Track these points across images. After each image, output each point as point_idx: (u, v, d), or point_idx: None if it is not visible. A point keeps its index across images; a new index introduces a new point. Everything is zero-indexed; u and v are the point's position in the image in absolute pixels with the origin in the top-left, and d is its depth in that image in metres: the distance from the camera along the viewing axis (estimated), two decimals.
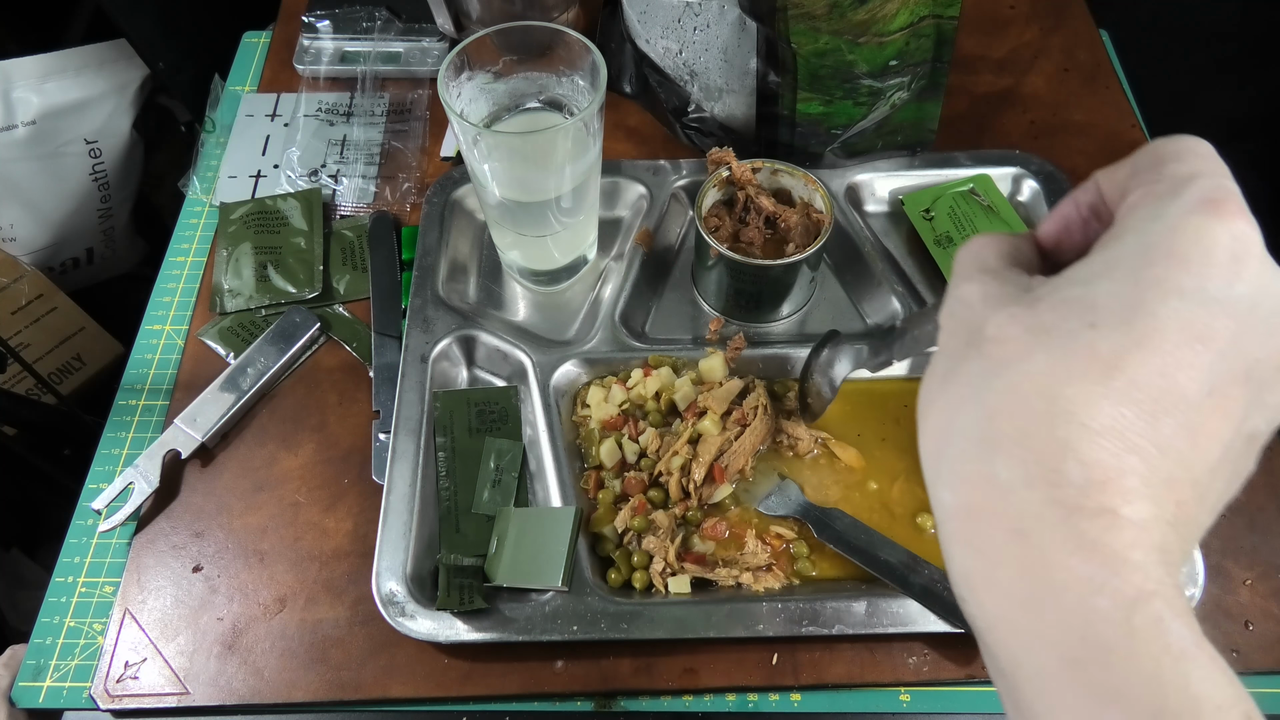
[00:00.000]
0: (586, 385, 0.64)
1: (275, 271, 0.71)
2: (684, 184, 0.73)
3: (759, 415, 0.60)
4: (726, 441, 0.59)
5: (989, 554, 0.25)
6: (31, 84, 0.99)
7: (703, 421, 0.59)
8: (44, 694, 0.55)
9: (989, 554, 0.25)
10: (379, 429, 0.63)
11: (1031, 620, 0.24)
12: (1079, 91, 0.83)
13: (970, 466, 0.25)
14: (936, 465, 0.27)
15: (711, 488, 0.58)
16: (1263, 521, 0.60)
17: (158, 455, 0.61)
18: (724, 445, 0.59)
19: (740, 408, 0.60)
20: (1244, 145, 1.18)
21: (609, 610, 0.54)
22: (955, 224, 0.71)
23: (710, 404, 0.60)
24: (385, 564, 0.55)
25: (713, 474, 0.58)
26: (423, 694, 0.54)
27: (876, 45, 0.62)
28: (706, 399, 0.60)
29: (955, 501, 0.26)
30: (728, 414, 0.60)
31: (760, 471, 0.60)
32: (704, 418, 0.59)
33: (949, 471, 0.26)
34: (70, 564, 0.60)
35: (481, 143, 0.57)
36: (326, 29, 0.85)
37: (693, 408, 0.60)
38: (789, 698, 0.55)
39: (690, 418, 0.60)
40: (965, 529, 0.26)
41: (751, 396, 0.61)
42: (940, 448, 0.27)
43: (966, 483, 0.26)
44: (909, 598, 0.53)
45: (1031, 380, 0.24)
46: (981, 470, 0.25)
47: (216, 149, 0.81)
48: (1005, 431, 0.24)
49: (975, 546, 0.25)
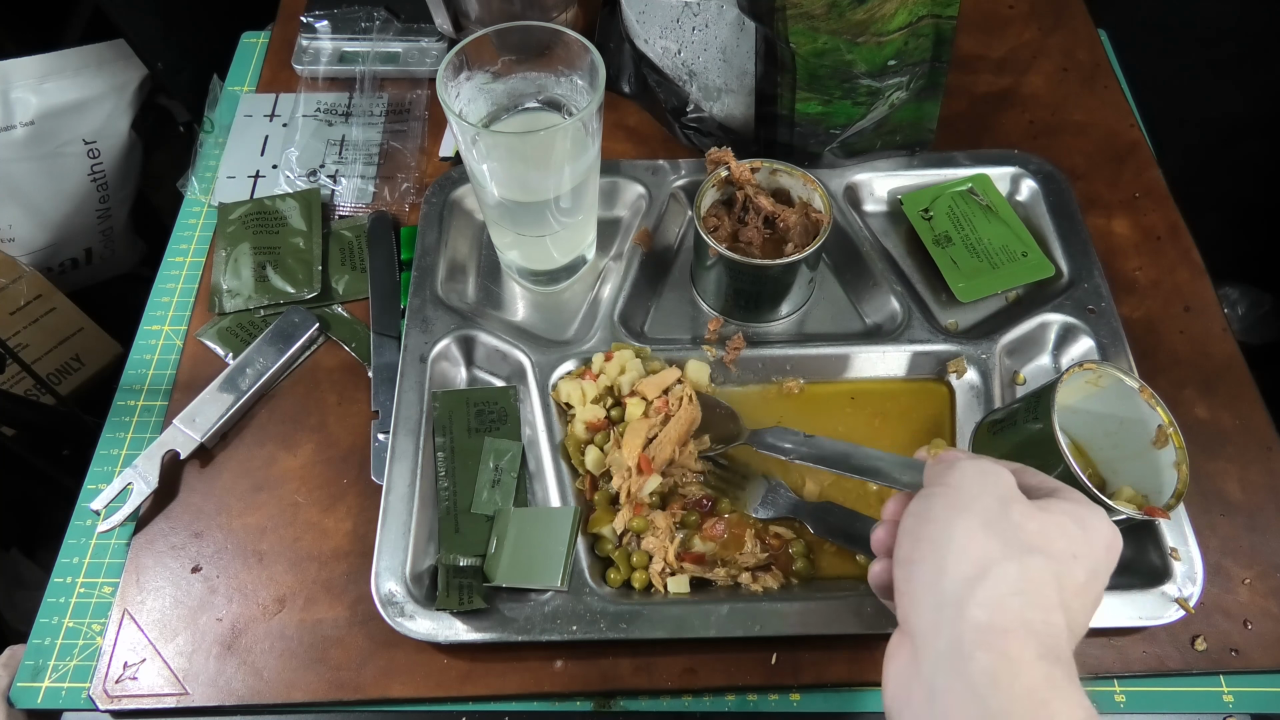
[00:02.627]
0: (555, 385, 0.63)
1: (274, 272, 0.71)
2: (683, 184, 0.73)
3: (683, 404, 0.59)
4: (651, 428, 0.58)
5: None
6: (30, 84, 0.99)
7: (630, 406, 0.59)
8: (43, 694, 0.55)
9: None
10: (378, 429, 0.63)
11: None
12: (1078, 91, 0.83)
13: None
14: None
15: (641, 479, 0.57)
16: (1262, 521, 0.60)
17: (157, 455, 0.61)
18: (649, 433, 0.58)
19: (665, 397, 0.59)
20: (1243, 145, 1.19)
21: (608, 610, 0.54)
22: (954, 224, 0.71)
23: (642, 389, 0.59)
24: (384, 564, 0.55)
25: (641, 465, 0.57)
26: (422, 694, 0.54)
27: (875, 45, 0.62)
28: (639, 384, 0.60)
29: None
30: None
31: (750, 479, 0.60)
32: (629, 403, 0.59)
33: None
34: (69, 564, 0.60)
35: (480, 143, 0.57)
36: (325, 29, 0.85)
37: (633, 394, 0.60)
38: (789, 697, 0.55)
39: (626, 401, 0.60)
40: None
41: (678, 388, 0.60)
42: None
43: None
44: None
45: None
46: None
47: (215, 149, 0.81)
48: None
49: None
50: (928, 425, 0.63)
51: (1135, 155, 0.78)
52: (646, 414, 0.59)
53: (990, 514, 0.37)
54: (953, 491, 0.38)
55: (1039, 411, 0.52)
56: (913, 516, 0.39)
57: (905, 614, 0.38)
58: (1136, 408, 0.54)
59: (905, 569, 0.38)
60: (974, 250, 0.69)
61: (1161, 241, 0.73)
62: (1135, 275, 0.71)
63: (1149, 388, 0.54)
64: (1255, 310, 1.31)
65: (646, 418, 0.58)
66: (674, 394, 0.60)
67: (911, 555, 0.38)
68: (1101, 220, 0.74)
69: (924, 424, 0.63)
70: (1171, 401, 0.55)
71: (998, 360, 0.63)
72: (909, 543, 0.39)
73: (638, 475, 0.57)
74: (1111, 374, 0.55)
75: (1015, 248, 0.69)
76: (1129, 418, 0.55)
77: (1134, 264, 0.71)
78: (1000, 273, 0.68)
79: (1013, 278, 0.68)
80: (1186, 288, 0.70)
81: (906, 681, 0.36)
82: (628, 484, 0.57)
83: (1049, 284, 0.68)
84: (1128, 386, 0.54)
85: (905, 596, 0.38)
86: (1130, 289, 0.70)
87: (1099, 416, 0.57)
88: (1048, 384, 0.53)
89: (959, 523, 0.37)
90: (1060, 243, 0.69)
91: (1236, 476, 0.61)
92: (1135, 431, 0.55)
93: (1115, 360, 0.62)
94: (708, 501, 0.59)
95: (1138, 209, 0.75)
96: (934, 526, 0.38)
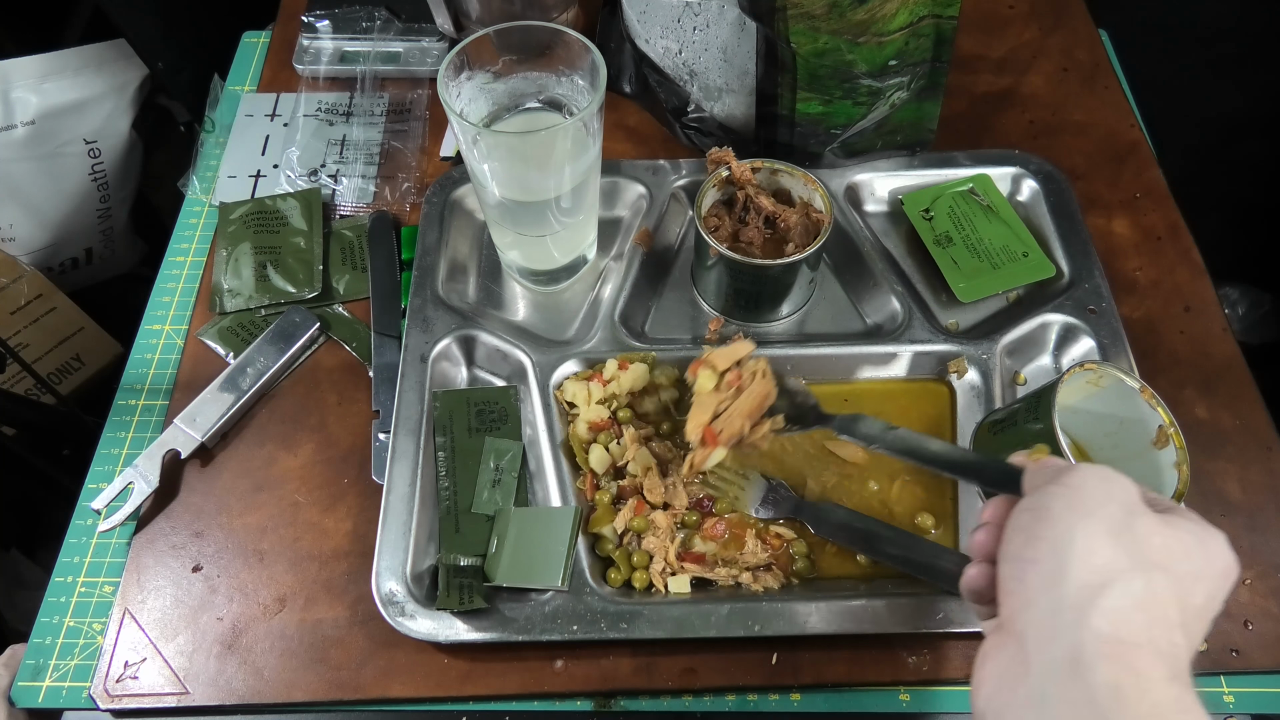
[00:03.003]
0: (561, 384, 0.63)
1: (275, 271, 0.71)
2: (683, 184, 0.73)
3: (756, 379, 0.55)
4: (721, 402, 0.55)
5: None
6: (30, 84, 0.99)
7: (699, 379, 0.56)
8: (43, 694, 0.55)
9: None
10: (379, 429, 0.63)
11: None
12: (1078, 91, 0.83)
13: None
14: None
15: (706, 451, 0.54)
16: (1262, 521, 0.60)
17: (157, 455, 0.61)
18: (719, 407, 0.55)
19: (737, 370, 0.56)
20: (1244, 145, 1.19)
21: (609, 610, 0.54)
22: (955, 224, 0.71)
23: (713, 360, 0.56)
24: (385, 564, 0.55)
25: (705, 437, 0.54)
26: (423, 694, 0.54)
27: (876, 45, 0.62)
28: (710, 355, 0.56)
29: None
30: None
31: (751, 479, 0.60)
32: (700, 374, 0.56)
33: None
34: (70, 564, 0.60)
35: (481, 142, 0.57)
36: (326, 29, 0.85)
37: (694, 367, 0.57)
38: (789, 697, 0.55)
39: (692, 375, 0.57)
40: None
41: (751, 361, 0.57)
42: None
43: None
44: (913, 576, 0.54)
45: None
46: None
47: (216, 149, 0.81)
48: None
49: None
50: (928, 425, 0.63)
51: (1135, 155, 0.78)
52: (717, 387, 0.55)
53: (1115, 522, 0.35)
54: (1075, 493, 0.36)
55: (1039, 412, 0.52)
56: (1028, 513, 0.37)
57: (1012, 614, 0.36)
58: (1137, 408, 0.54)
59: (1016, 566, 0.37)
60: (975, 250, 0.69)
61: (1162, 241, 0.73)
62: (1135, 275, 0.71)
63: (1149, 388, 0.54)
64: (1255, 310, 1.31)
65: (717, 391, 0.55)
66: (747, 367, 0.56)
67: (1024, 553, 0.36)
68: (1102, 220, 0.74)
69: (924, 424, 0.63)
70: (1172, 402, 0.55)
71: (998, 360, 0.63)
72: (1022, 540, 0.37)
73: (701, 448, 0.54)
74: (1112, 374, 0.55)
75: (1016, 248, 0.69)
76: (1129, 418, 0.55)
77: (1134, 264, 0.71)
78: (1001, 273, 0.68)
79: (1013, 278, 0.68)
80: (1187, 288, 0.70)
81: (1010, 684, 0.35)
82: (691, 457, 0.54)
83: (1049, 284, 0.68)
84: (1128, 387, 0.54)
85: (1014, 596, 0.36)
86: (1130, 289, 0.70)
87: (1099, 417, 0.57)
88: (1048, 384, 0.53)
89: (1082, 526, 0.35)
90: (1061, 243, 0.69)
91: (1236, 476, 0.61)
92: (1136, 431, 0.55)
93: (1116, 360, 0.62)
94: (708, 501, 0.59)
95: (1138, 209, 0.75)
96: (1054, 526, 0.36)
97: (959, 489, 0.60)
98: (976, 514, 0.58)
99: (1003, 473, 0.42)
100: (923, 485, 0.60)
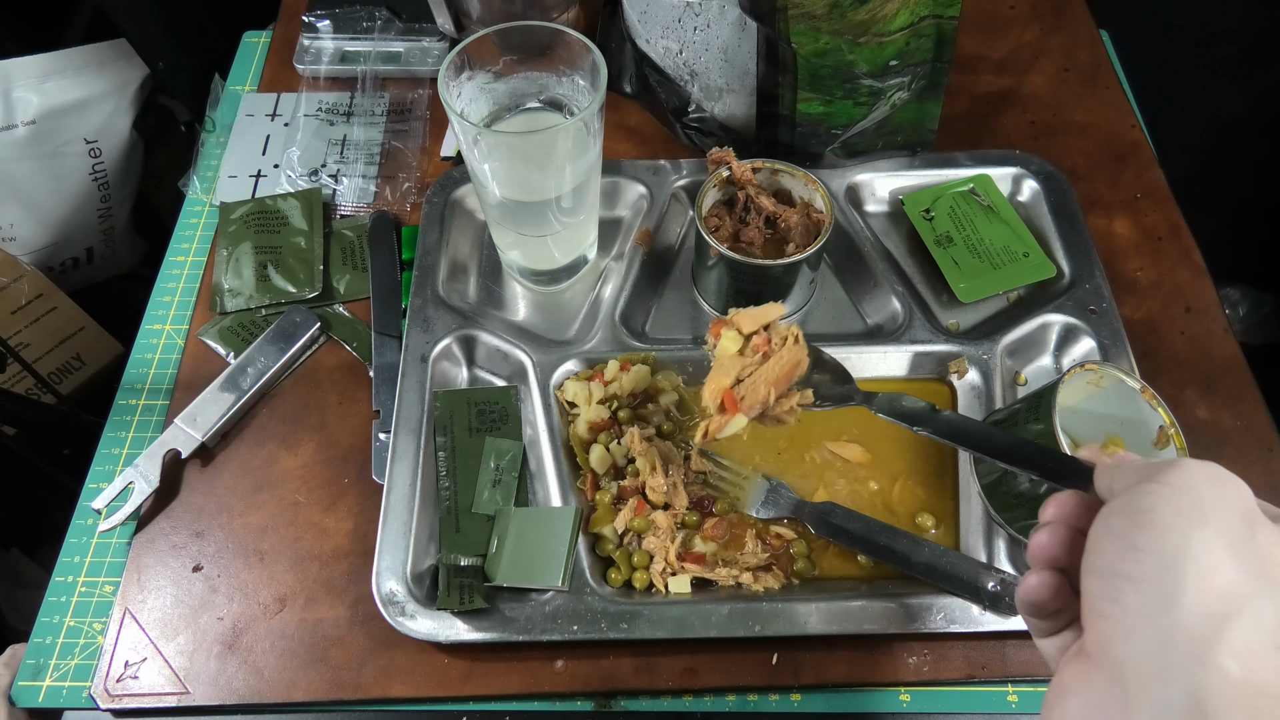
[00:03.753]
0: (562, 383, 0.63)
1: (275, 271, 0.71)
2: (684, 184, 0.73)
3: (787, 344, 0.51)
4: (745, 368, 0.50)
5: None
6: (31, 84, 0.99)
7: (723, 340, 0.51)
8: (44, 693, 0.55)
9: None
10: (379, 429, 0.63)
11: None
12: (1079, 91, 0.83)
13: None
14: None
15: (723, 418, 0.50)
16: None
17: (158, 455, 0.61)
18: (742, 373, 0.50)
19: (765, 334, 0.52)
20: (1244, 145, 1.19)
21: (609, 610, 0.54)
22: (955, 224, 0.71)
23: (738, 321, 0.52)
24: (385, 564, 0.55)
25: (724, 403, 0.50)
26: (423, 694, 0.54)
27: (877, 45, 0.62)
28: (736, 316, 0.52)
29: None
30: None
31: (751, 479, 0.60)
32: (723, 336, 0.51)
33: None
34: (70, 563, 0.60)
35: (482, 142, 0.57)
36: (326, 29, 0.85)
37: (715, 327, 0.53)
38: (789, 698, 0.55)
39: (713, 339, 0.52)
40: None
41: (781, 325, 0.52)
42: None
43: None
44: (914, 576, 0.54)
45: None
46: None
47: (216, 149, 0.81)
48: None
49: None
50: None
51: (1136, 155, 0.78)
52: (742, 351, 0.51)
53: (1235, 532, 0.29)
54: (1185, 496, 0.30)
55: (1040, 412, 0.52)
56: (1122, 516, 0.31)
57: (1104, 642, 0.30)
58: (1138, 408, 0.54)
59: (1110, 583, 0.30)
60: (975, 251, 0.69)
61: (1162, 242, 0.73)
62: (1136, 276, 0.71)
63: (1150, 388, 0.54)
64: (1256, 311, 1.31)
65: (741, 355, 0.51)
66: (777, 331, 0.51)
67: (1121, 566, 0.30)
68: (1102, 221, 0.74)
69: None
70: (1172, 402, 0.55)
71: (999, 360, 0.63)
72: (1117, 550, 0.30)
73: (719, 415, 0.50)
74: (1113, 374, 0.55)
75: (1016, 248, 0.69)
76: (1130, 418, 0.55)
77: (1135, 264, 0.71)
78: (1001, 273, 0.68)
79: (1014, 278, 0.68)
80: (1187, 288, 0.70)
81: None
82: (706, 424, 0.50)
83: (1050, 284, 0.68)
84: (1129, 387, 0.54)
85: (1108, 620, 0.30)
86: (1131, 289, 0.70)
87: (1100, 417, 0.57)
88: (1049, 384, 0.53)
89: (1198, 536, 0.29)
90: (1061, 243, 0.69)
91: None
92: (1136, 432, 0.55)
93: (1116, 361, 0.62)
94: (709, 501, 0.59)
95: (1139, 209, 0.75)
96: (1162, 536, 0.29)
97: (959, 490, 0.60)
98: (977, 515, 0.58)
99: (1068, 467, 0.37)
100: (923, 485, 0.60)
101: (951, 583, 0.54)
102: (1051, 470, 0.38)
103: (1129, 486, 0.32)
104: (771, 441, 0.62)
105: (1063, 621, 0.34)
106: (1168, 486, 0.30)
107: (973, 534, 0.57)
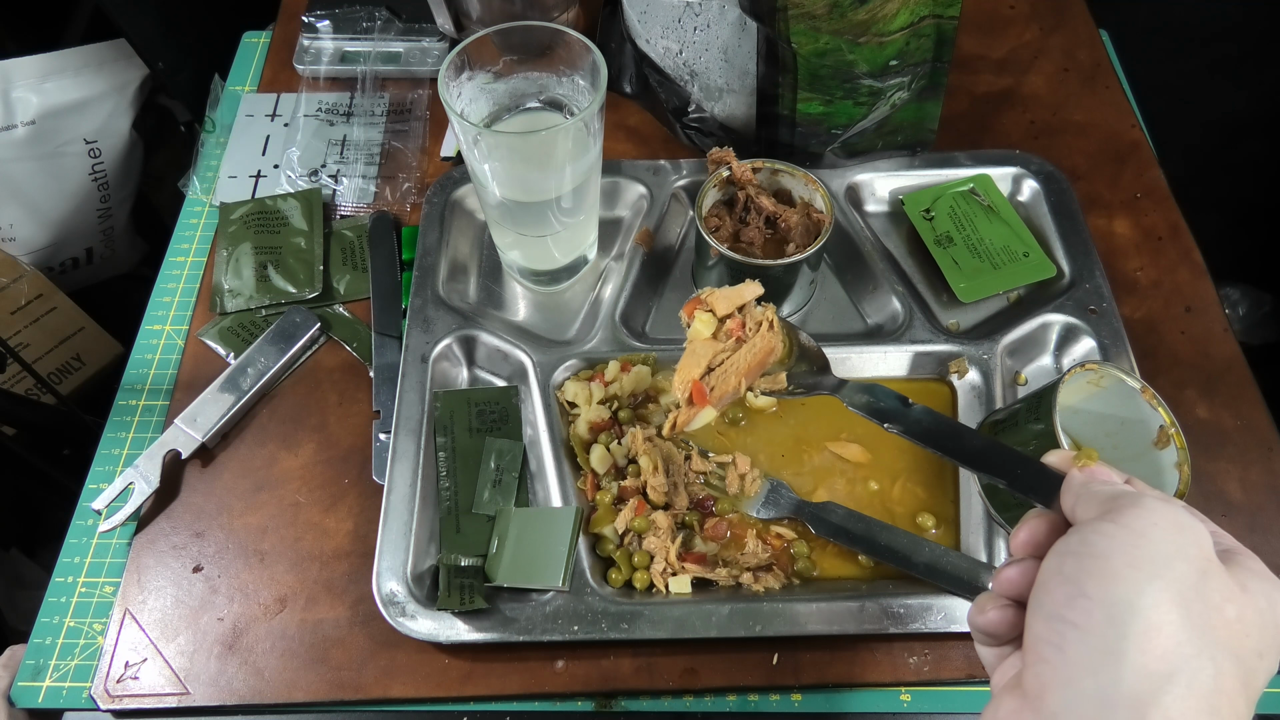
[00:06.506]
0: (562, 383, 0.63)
1: (275, 271, 0.71)
2: (684, 184, 0.73)
3: (761, 330, 0.49)
4: (718, 354, 0.48)
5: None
6: (31, 84, 0.99)
7: (695, 323, 0.49)
8: (44, 694, 0.55)
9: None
10: (379, 429, 0.63)
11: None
12: (1079, 91, 0.83)
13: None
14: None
15: (692, 410, 0.48)
16: (1263, 522, 0.60)
17: (158, 455, 0.61)
18: (714, 359, 0.48)
19: (740, 317, 0.49)
20: (1244, 145, 1.19)
21: (609, 610, 0.54)
22: (955, 224, 0.71)
23: (712, 301, 0.49)
24: (386, 564, 0.55)
25: (693, 395, 0.47)
26: (423, 694, 0.54)
27: (877, 45, 0.62)
28: (709, 296, 0.50)
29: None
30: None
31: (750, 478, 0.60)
32: (696, 318, 0.49)
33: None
34: (70, 564, 0.60)
35: (482, 143, 0.57)
36: (326, 29, 0.85)
37: (689, 306, 0.50)
38: (789, 698, 0.55)
39: (688, 316, 0.50)
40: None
41: (758, 309, 0.50)
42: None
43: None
44: (914, 576, 0.54)
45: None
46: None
47: (216, 149, 0.81)
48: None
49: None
50: None
51: (1136, 155, 0.78)
52: (715, 335, 0.49)
53: (1186, 587, 0.29)
54: (1139, 542, 0.30)
55: (1040, 412, 0.52)
56: (1074, 558, 0.30)
57: (1042, 687, 0.30)
58: (1138, 408, 0.54)
59: (1055, 628, 0.30)
60: (975, 250, 0.69)
61: (1162, 242, 0.73)
62: (1136, 276, 0.71)
63: (1150, 388, 0.54)
64: (1256, 310, 1.31)
65: (714, 340, 0.48)
66: (751, 315, 0.49)
67: (1067, 613, 0.29)
68: (1103, 220, 0.74)
69: None
70: (1173, 402, 0.55)
71: (999, 360, 0.63)
72: (1065, 595, 0.30)
73: (687, 407, 0.48)
74: (1113, 374, 0.55)
75: (1016, 248, 0.69)
76: (1130, 418, 0.55)
77: (1135, 264, 0.71)
78: (1001, 273, 0.68)
79: (1014, 278, 0.68)
80: (1187, 288, 0.70)
81: None
82: (675, 415, 0.48)
83: (1050, 284, 0.68)
84: (1129, 387, 0.54)
85: (1048, 666, 0.30)
86: (1131, 289, 0.70)
87: (1100, 417, 0.57)
88: (1049, 384, 0.53)
89: (1149, 590, 0.28)
90: (1061, 243, 0.69)
91: (1237, 477, 0.61)
92: (1137, 432, 0.55)
93: (1116, 360, 0.62)
94: (709, 502, 0.59)
95: (1139, 209, 0.75)
96: (1112, 585, 0.29)
97: (960, 490, 0.60)
98: (978, 515, 0.58)
99: (1038, 476, 0.36)
100: (923, 485, 0.60)
101: (952, 583, 0.54)
102: (1019, 480, 0.37)
103: (1088, 521, 0.32)
104: (773, 442, 0.62)
105: (1010, 643, 0.34)
106: (1125, 530, 0.30)
107: (973, 534, 0.57)
